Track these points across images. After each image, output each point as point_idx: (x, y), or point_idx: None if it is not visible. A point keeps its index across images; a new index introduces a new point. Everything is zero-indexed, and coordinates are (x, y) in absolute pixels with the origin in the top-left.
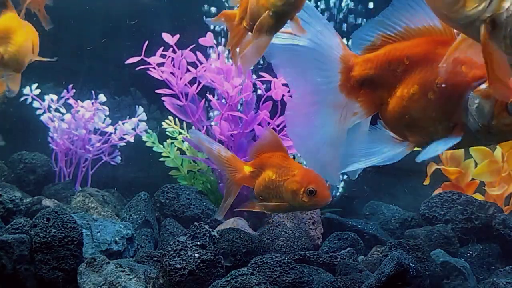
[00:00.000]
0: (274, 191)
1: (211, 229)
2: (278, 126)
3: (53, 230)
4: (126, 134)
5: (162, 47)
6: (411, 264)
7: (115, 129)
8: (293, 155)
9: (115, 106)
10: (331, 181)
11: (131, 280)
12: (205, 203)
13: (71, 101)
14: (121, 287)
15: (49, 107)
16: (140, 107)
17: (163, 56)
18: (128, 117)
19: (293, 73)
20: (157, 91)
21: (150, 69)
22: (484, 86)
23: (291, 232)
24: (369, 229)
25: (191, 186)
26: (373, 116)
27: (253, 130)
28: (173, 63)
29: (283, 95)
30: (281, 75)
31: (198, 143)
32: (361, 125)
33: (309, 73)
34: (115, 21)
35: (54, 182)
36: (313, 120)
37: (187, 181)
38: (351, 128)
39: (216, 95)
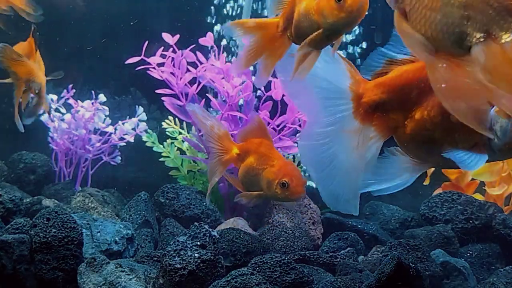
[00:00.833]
0: (253, 178)
1: (211, 229)
2: (278, 126)
3: (53, 230)
4: (126, 134)
5: (162, 47)
6: (411, 264)
7: (115, 129)
8: (293, 155)
9: (115, 106)
10: (350, 210)
11: (131, 280)
12: (205, 203)
13: (71, 101)
14: (121, 287)
15: (49, 107)
16: (140, 107)
17: (163, 56)
18: (128, 117)
19: (305, 103)
20: (157, 91)
21: (150, 69)
22: None
23: (291, 232)
24: (369, 229)
25: (191, 186)
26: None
27: None
28: (173, 63)
29: (283, 95)
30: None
31: (193, 116)
32: (371, 152)
33: (322, 103)
34: (115, 21)
35: (54, 182)
36: (329, 148)
37: (187, 181)
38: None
39: (210, 90)
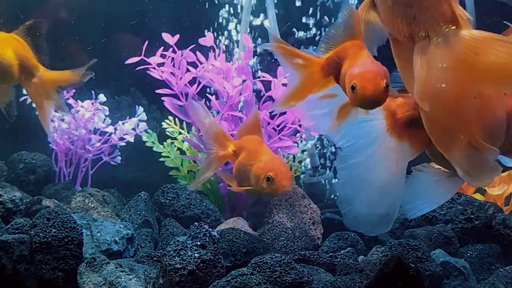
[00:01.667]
0: (244, 174)
1: (211, 229)
2: (278, 126)
3: (53, 230)
4: (126, 134)
5: (162, 47)
6: (411, 264)
7: (115, 129)
8: (293, 155)
9: (115, 106)
10: (386, 228)
11: (131, 280)
12: (205, 203)
13: (71, 101)
14: (121, 287)
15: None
16: (140, 107)
17: (163, 56)
18: (128, 117)
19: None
20: (157, 91)
21: (150, 69)
22: None
23: (291, 232)
24: None
25: None
26: None
27: None
28: (173, 63)
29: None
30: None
31: (192, 113)
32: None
33: (354, 124)
34: (115, 21)
35: (54, 182)
36: (366, 168)
37: (187, 181)
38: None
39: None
